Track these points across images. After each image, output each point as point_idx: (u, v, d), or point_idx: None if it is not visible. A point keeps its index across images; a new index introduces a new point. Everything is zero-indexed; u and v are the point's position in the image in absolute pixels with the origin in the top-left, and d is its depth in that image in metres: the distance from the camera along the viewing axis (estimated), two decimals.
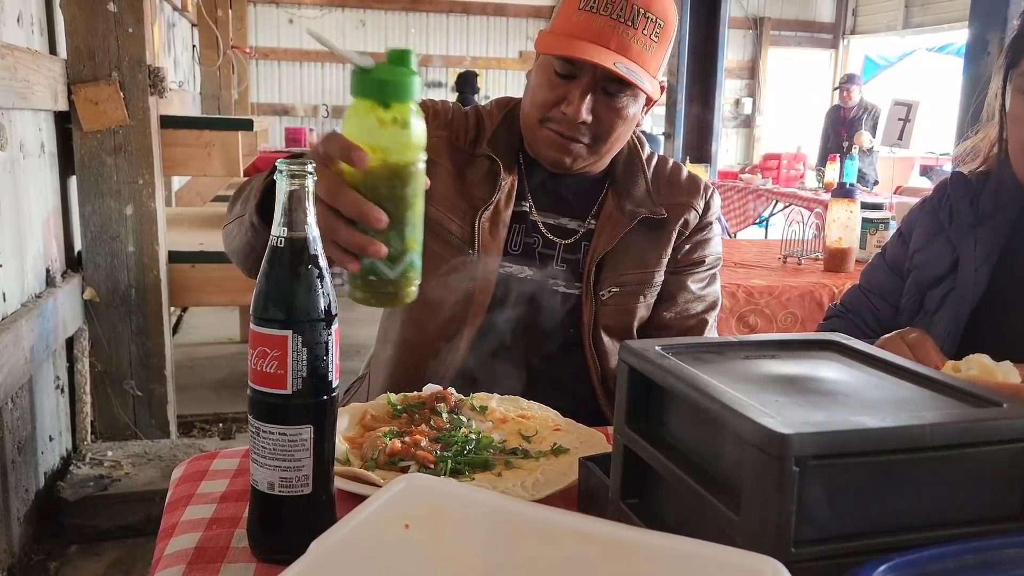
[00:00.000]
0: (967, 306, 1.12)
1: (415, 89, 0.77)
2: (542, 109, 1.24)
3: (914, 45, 10.43)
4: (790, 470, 0.51)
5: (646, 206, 1.31)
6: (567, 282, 1.31)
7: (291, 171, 0.71)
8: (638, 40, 1.18)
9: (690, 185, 1.37)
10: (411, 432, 0.96)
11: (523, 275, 1.29)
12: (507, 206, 1.29)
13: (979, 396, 0.60)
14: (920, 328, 1.10)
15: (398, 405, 1.05)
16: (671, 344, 0.71)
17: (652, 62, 1.21)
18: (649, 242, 1.31)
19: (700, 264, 1.36)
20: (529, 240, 1.30)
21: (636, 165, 1.35)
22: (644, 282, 1.31)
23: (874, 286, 1.28)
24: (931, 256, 1.18)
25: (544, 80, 1.23)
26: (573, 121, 1.21)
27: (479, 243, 1.26)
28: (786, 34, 11.27)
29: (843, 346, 0.73)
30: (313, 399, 0.72)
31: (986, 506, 0.56)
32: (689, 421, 0.63)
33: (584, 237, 1.32)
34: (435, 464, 0.88)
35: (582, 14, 1.18)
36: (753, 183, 5.75)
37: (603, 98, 1.21)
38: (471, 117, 1.35)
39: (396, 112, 0.76)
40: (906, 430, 0.53)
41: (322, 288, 0.72)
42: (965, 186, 1.19)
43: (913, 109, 3.20)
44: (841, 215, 2.38)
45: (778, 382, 0.64)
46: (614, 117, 1.23)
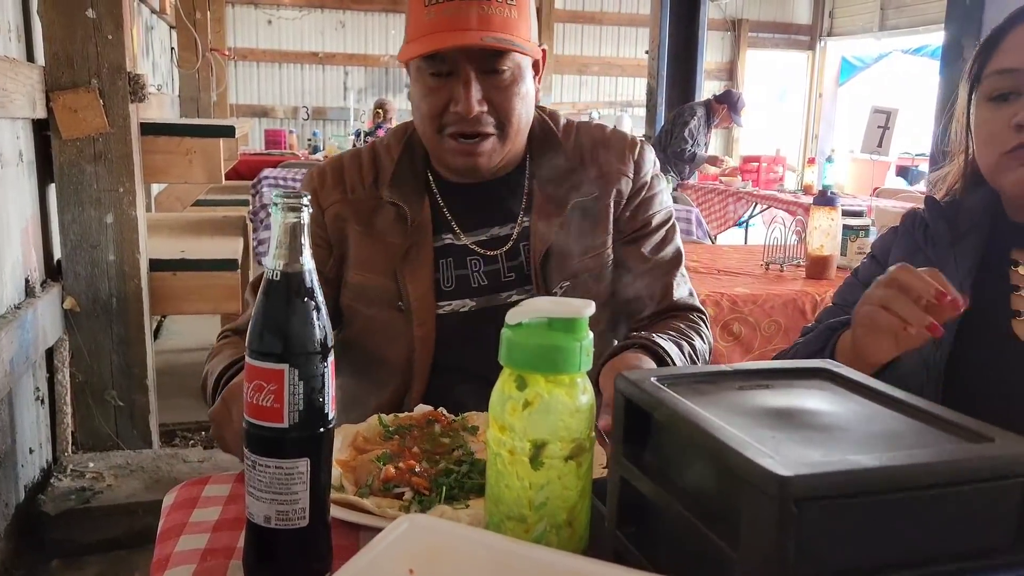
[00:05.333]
0: (953, 321, 1.13)
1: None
2: (435, 119, 1.19)
3: (890, 47, 10.54)
4: (790, 511, 0.51)
5: (576, 189, 1.25)
6: (519, 289, 1.26)
7: (287, 204, 0.71)
8: (496, 10, 1.13)
9: (616, 148, 1.30)
10: (404, 455, 0.96)
11: (466, 308, 1.24)
12: (426, 245, 1.23)
13: (969, 429, 0.61)
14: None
15: (390, 427, 1.04)
16: (666, 375, 0.71)
17: (520, 27, 1.16)
18: (588, 224, 1.26)
19: (648, 226, 1.30)
20: (462, 271, 1.25)
21: (553, 146, 1.29)
22: (595, 266, 1.26)
23: (848, 302, 1.28)
24: None
25: (423, 89, 1.18)
26: (469, 117, 1.16)
27: (406, 295, 1.21)
28: (764, 36, 11.35)
29: (834, 374, 0.74)
30: (310, 432, 0.72)
31: (979, 540, 0.57)
32: (686, 454, 0.63)
33: (521, 237, 1.26)
34: (430, 491, 0.88)
35: (431, 10, 1.13)
36: (733, 185, 5.79)
37: (489, 80, 1.17)
38: (365, 159, 1.29)
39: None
40: (902, 470, 0.54)
41: (318, 321, 0.72)
42: (939, 208, 1.20)
43: (892, 116, 3.24)
44: (823, 222, 2.41)
45: (773, 416, 0.64)
46: (508, 96, 1.18)
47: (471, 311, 1.24)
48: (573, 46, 10.97)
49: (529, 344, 0.65)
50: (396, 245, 1.23)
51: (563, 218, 1.24)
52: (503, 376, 0.67)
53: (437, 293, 1.24)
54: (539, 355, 0.65)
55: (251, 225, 4.09)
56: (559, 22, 10.81)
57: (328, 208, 1.26)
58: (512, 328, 0.66)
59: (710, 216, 5.71)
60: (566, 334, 0.66)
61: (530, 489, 0.66)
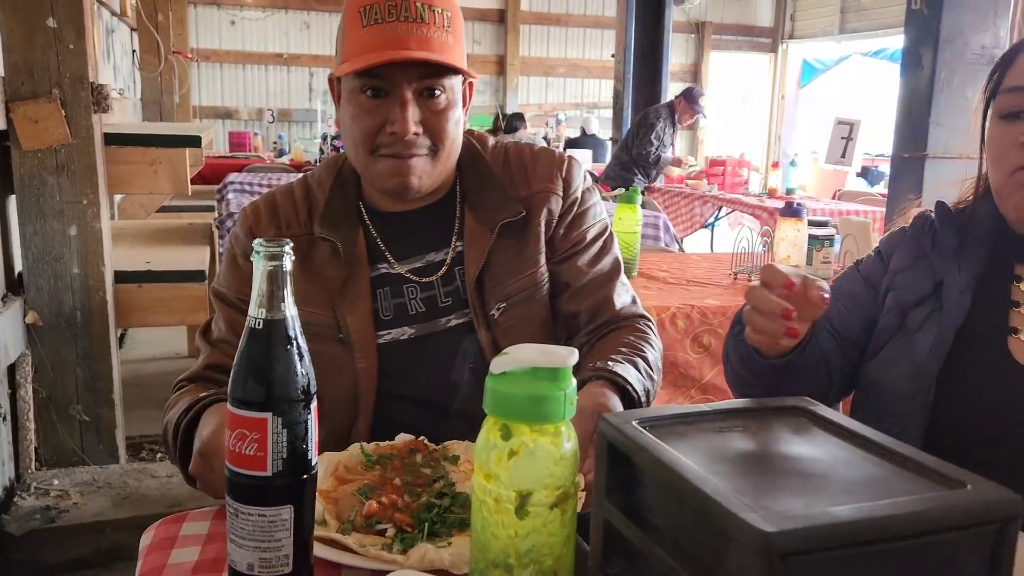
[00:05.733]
0: (952, 327, 1.14)
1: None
2: (369, 139, 1.19)
3: (849, 50, 10.72)
4: (776, 566, 0.52)
5: (503, 210, 1.26)
6: (457, 313, 1.27)
7: (268, 252, 0.71)
8: (435, 34, 1.16)
9: (544, 167, 1.31)
10: (386, 487, 0.96)
11: (405, 336, 1.25)
12: (362, 277, 1.25)
13: (943, 475, 0.62)
14: (902, 344, 1.17)
15: (372, 456, 1.04)
16: (647, 417, 0.72)
17: (455, 52, 1.18)
18: (519, 244, 1.27)
19: (582, 241, 1.31)
20: (399, 300, 1.26)
21: (482, 169, 1.31)
22: (529, 286, 1.27)
23: (844, 292, 1.28)
24: (914, 278, 1.21)
25: (358, 109, 1.19)
26: (405, 138, 1.17)
27: (346, 328, 1.22)
28: (727, 38, 11.49)
29: (810, 412, 0.76)
30: (293, 479, 0.72)
31: None
32: (670, 502, 0.64)
33: (455, 262, 1.28)
34: (412, 528, 0.89)
35: (369, 30, 1.15)
36: (699, 189, 5.85)
37: (424, 103, 1.18)
38: (299, 195, 1.29)
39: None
40: (882, 521, 0.55)
41: (301, 368, 0.72)
42: (948, 215, 1.21)
43: (855, 128, 3.30)
44: (789, 233, 2.45)
45: (753, 461, 0.66)
46: (442, 119, 1.20)
47: (411, 339, 1.25)
48: (539, 47, 11.00)
49: (514, 394, 0.66)
50: (333, 279, 1.24)
51: (493, 241, 1.26)
52: (487, 424, 0.68)
53: (376, 323, 1.25)
54: (524, 405, 0.66)
55: (217, 232, 4.04)
56: (525, 24, 10.84)
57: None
58: (496, 377, 0.67)
59: (677, 219, 5.76)
60: (550, 383, 0.66)
61: (516, 537, 0.66)
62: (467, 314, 1.26)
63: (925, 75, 4.17)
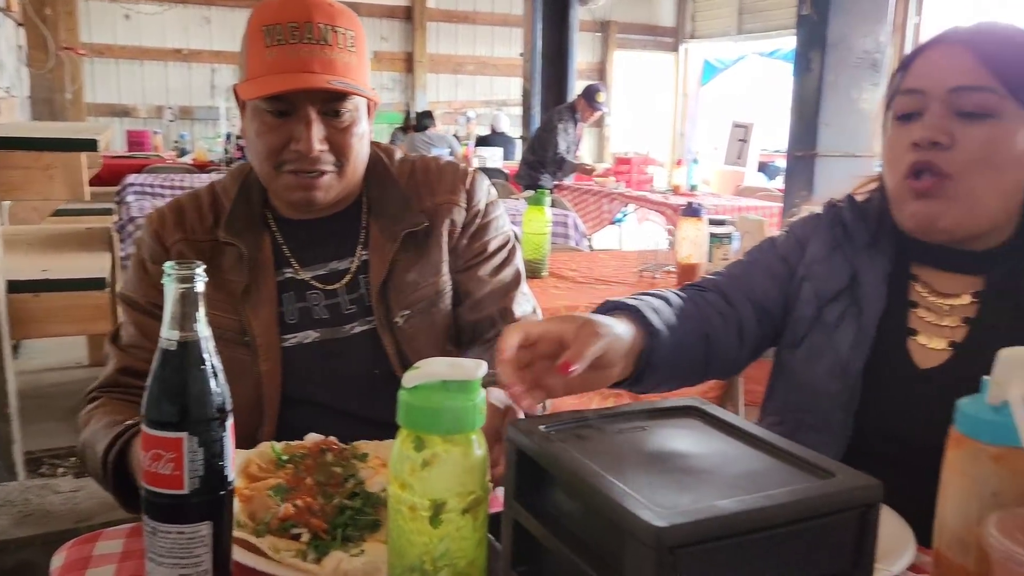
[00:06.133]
0: (872, 321, 1.16)
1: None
2: (273, 155, 1.22)
3: (746, 50, 11.12)
4: (667, 558, 0.58)
5: (407, 220, 1.30)
6: (362, 320, 1.30)
7: (180, 275, 0.72)
8: (338, 56, 1.19)
9: (449, 180, 1.36)
10: (300, 487, 0.98)
11: (310, 340, 1.28)
12: (268, 281, 1.27)
13: (814, 465, 0.69)
14: (822, 338, 1.17)
15: (283, 455, 1.06)
16: (554, 423, 0.77)
17: (360, 72, 1.22)
18: (423, 254, 1.31)
19: (484, 252, 1.36)
20: (303, 304, 1.29)
21: (387, 180, 1.34)
22: (432, 294, 1.31)
23: (762, 265, 1.26)
24: (830, 270, 1.21)
25: (262, 127, 1.21)
26: (310, 156, 1.20)
27: (251, 331, 1.25)
28: (632, 37, 11.74)
29: (702, 412, 0.82)
30: (211, 496, 0.74)
31: (825, 566, 0.65)
32: (574, 502, 0.69)
33: (360, 270, 1.31)
34: (327, 533, 0.91)
35: (273, 51, 1.17)
36: (606, 186, 5.98)
37: (329, 121, 1.21)
38: (205, 202, 1.31)
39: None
40: (760, 511, 0.61)
41: (216, 387, 0.74)
42: (857, 208, 1.23)
43: (749, 130, 3.46)
44: (690, 232, 2.55)
45: (648, 460, 0.71)
46: (347, 137, 1.23)
47: (316, 343, 1.28)
48: (448, 45, 10.99)
49: (425, 407, 0.69)
50: (238, 283, 1.26)
51: (395, 250, 1.29)
52: (401, 436, 0.71)
53: (281, 327, 1.27)
54: (435, 417, 0.69)
55: (117, 237, 3.91)
56: (432, 21, 10.81)
57: (172, 247, 1.29)
58: (408, 391, 0.70)
59: (586, 216, 5.88)
60: (460, 395, 0.70)
61: (430, 543, 0.70)
62: (371, 321, 1.29)
63: (814, 77, 4.40)
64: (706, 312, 1.17)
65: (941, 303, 1.15)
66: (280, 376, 1.25)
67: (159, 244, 1.28)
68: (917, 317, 1.16)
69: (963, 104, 1.06)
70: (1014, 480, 0.70)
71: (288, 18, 1.17)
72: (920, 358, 1.14)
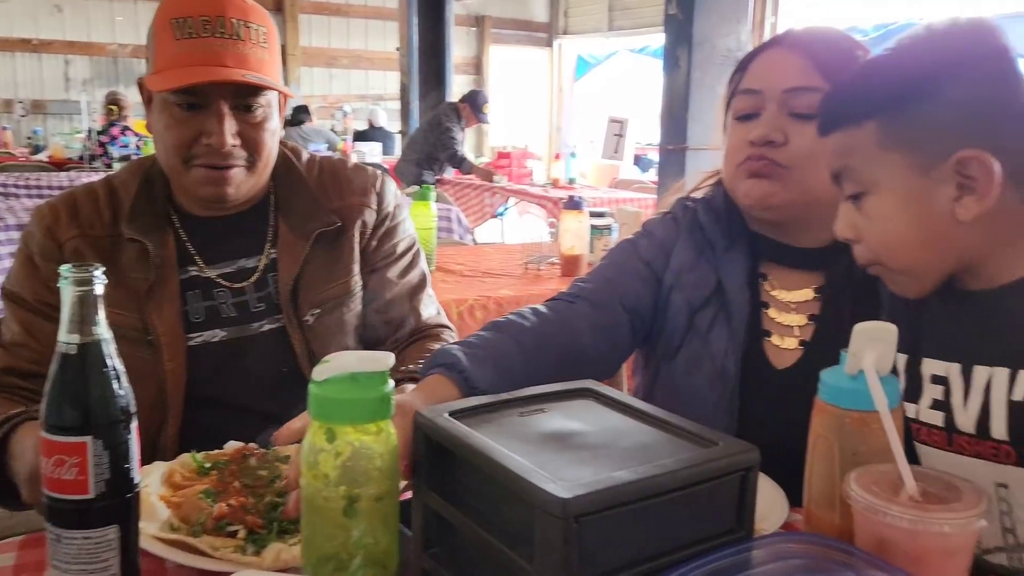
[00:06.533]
0: (741, 324, 1.19)
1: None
2: (182, 150, 1.20)
3: (617, 46, 11.45)
4: (572, 526, 0.63)
5: (318, 220, 1.31)
6: (270, 318, 1.30)
7: (78, 278, 0.72)
8: (251, 51, 1.19)
9: (359, 182, 1.37)
10: (228, 490, 0.98)
11: (217, 339, 1.27)
12: (171, 279, 1.25)
13: (699, 435, 0.76)
14: (697, 346, 1.18)
15: (205, 464, 1.06)
16: (458, 408, 0.81)
17: (272, 68, 1.23)
18: (334, 253, 1.32)
19: (393, 254, 1.38)
20: (210, 302, 1.28)
21: (296, 179, 1.35)
22: (342, 294, 1.32)
23: (629, 268, 1.25)
24: (698, 277, 1.23)
25: (171, 120, 1.20)
26: (222, 151, 1.20)
27: (154, 329, 1.22)
28: (506, 32, 11.85)
29: (594, 392, 0.88)
30: (118, 499, 0.73)
31: (711, 525, 0.72)
32: (483, 482, 0.73)
33: (269, 268, 1.31)
34: (263, 528, 0.92)
35: (183, 43, 1.17)
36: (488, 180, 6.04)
37: (241, 116, 1.21)
38: (102, 195, 1.28)
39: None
40: (654, 479, 0.67)
41: (119, 389, 0.73)
42: (712, 211, 1.26)
43: (625, 125, 3.61)
44: (572, 225, 2.64)
45: (550, 439, 0.76)
46: (260, 132, 1.23)
47: (223, 341, 1.27)
48: (321, 38, 10.77)
49: (337, 398, 0.71)
50: (140, 280, 1.23)
51: (308, 249, 1.30)
52: (312, 428, 0.73)
53: (186, 325, 1.25)
54: (347, 408, 0.71)
55: None
56: (304, 13, 10.57)
57: (66, 243, 1.24)
58: (319, 384, 0.72)
59: (469, 210, 5.92)
60: (370, 386, 0.72)
61: (345, 532, 0.72)
62: (280, 320, 1.29)
63: (682, 74, 4.60)
64: (574, 325, 1.15)
65: (788, 300, 1.21)
66: (185, 375, 1.23)
67: (51, 240, 1.23)
68: (769, 318, 1.21)
69: (796, 105, 1.13)
70: (871, 440, 0.79)
71: (199, 12, 1.16)
72: (776, 359, 1.19)
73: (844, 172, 0.95)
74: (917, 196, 0.89)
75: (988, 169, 0.86)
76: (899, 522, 0.71)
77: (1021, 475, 0.89)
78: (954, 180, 0.87)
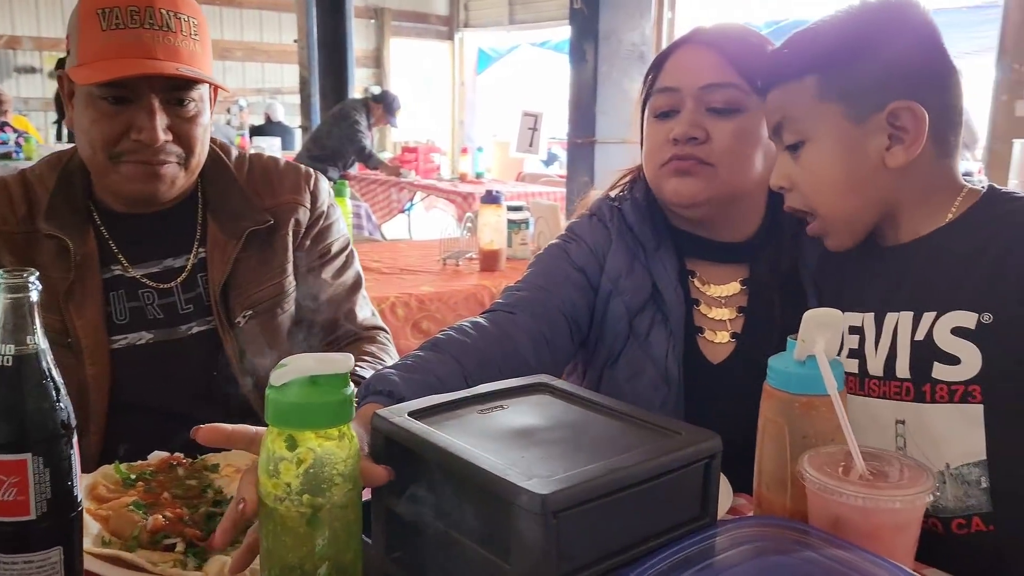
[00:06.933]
0: (679, 324, 1.19)
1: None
2: (109, 146, 1.16)
3: (519, 40, 11.51)
4: (551, 522, 0.62)
5: (250, 218, 1.27)
6: (200, 320, 1.26)
7: (11, 284, 0.67)
8: (182, 43, 1.15)
9: (291, 180, 1.33)
10: (161, 502, 0.94)
11: (143, 341, 1.22)
12: (93, 278, 1.19)
13: (661, 426, 0.77)
14: (638, 351, 1.18)
15: (130, 475, 1.01)
16: (416, 409, 0.79)
17: (204, 60, 1.19)
18: (267, 253, 1.29)
19: (328, 254, 1.35)
20: (135, 303, 1.23)
21: (226, 177, 1.30)
22: (276, 295, 1.29)
23: (563, 275, 1.23)
24: (635, 282, 1.22)
25: (97, 115, 1.15)
26: (155, 146, 1.15)
27: (74, 331, 1.17)
28: (406, 25, 11.73)
29: (550, 387, 0.88)
30: (61, 519, 0.69)
31: (678, 513, 0.74)
32: (448, 482, 0.72)
33: (198, 268, 1.26)
34: (202, 540, 0.88)
35: (110, 35, 1.12)
36: (395, 175, 5.97)
37: (173, 111, 1.17)
38: (15, 190, 1.21)
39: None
40: (627, 471, 0.67)
41: (59, 402, 0.69)
42: (639, 211, 1.25)
43: (539, 119, 3.64)
44: (491, 219, 2.64)
45: (515, 436, 0.75)
46: (192, 127, 1.19)
47: (149, 344, 1.22)
48: (213, 30, 10.34)
49: (297, 403, 0.68)
50: (59, 280, 1.17)
51: (239, 248, 1.26)
52: (271, 435, 0.69)
53: (109, 327, 1.20)
54: (307, 413, 0.68)
55: None
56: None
57: None
58: (277, 389, 0.69)
59: (376, 206, 5.85)
60: (331, 389, 0.69)
61: (309, 542, 0.69)
62: (211, 321, 1.25)
63: (589, 68, 4.66)
64: (516, 340, 1.13)
65: (716, 295, 1.24)
66: (108, 380, 1.17)
67: None
68: (701, 315, 1.23)
69: (713, 100, 1.16)
70: (820, 423, 0.82)
71: (127, 2, 1.11)
72: (711, 354, 1.21)
73: (784, 123, 1.02)
74: (852, 144, 0.98)
75: (919, 119, 0.95)
76: (853, 501, 0.74)
77: (917, 410, 0.97)
78: (886, 130, 0.96)
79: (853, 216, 1.01)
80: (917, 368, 0.96)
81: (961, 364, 0.93)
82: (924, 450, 0.96)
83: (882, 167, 0.97)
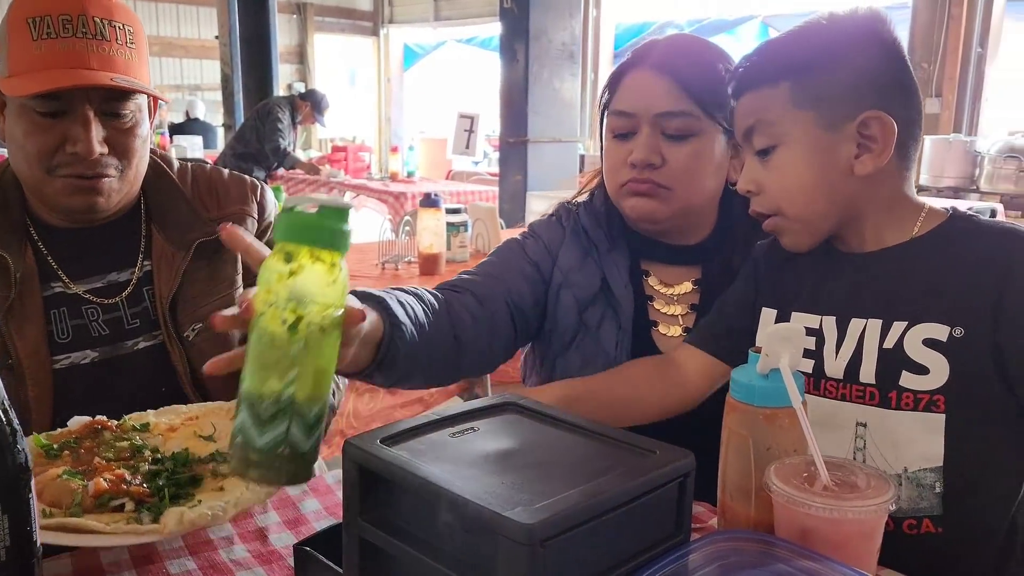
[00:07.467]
0: (628, 318, 1.25)
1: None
2: (44, 159, 1.12)
3: (445, 36, 11.45)
4: (538, 551, 0.62)
5: (198, 229, 1.25)
6: (147, 335, 1.23)
7: None
8: (117, 52, 1.12)
9: (238, 191, 1.32)
10: (95, 467, 0.92)
11: (87, 360, 1.19)
12: (33, 296, 1.16)
13: (635, 445, 0.78)
14: (589, 343, 1.24)
15: (52, 445, 0.98)
16: (388, 435, 0.78)
17: (141, 69, 1.17)
18: (216, 264, 1.27)
19: None
20: (78, 321, 1.19)
21: (170, 188, 1.28)
22: (226, 306, 1.26)
23: (515, 267, 1.29)
24: (585, 277, 1.28)
25: (30, 127, 1.11)
26: (90, 159, 1.12)
27: (15, 352, 1.13)
28: (330, 20, 11.54)
29: (519, 406, 0.88)
30: (21, 565, 0.66)
31: (656, 532, 0.74)
32: (427, 510, 0.71)
33: (144, 282, 1.24)
34: (151, 495, 0.87)
35: (41, 44, 1.08)
36: (323, 175, 5.88)
37: (109, 122, 1.14)
38: None
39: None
40: (609, 495, 0.68)
41: (16, 443, 0.66)
42: (593, 215, 1.32)
43: (475, 121, 3.63)
44: (430, 223, 2.62)
45: (491, 462, 0.75)
46: (130, 138, 1.17)
47: (94, 363, 1.19)
48: None
49: (299, 221, 0.72)
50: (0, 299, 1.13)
51: (188, 261, 1.23)
52: (274, 252, 0.73)
53: (52, 347, 1.16)
54: (308, 230, 0.71)
55: None
56: None
57: None
58: (287, 212, 0.72)
59: None
60: (332, 217, 0.72)
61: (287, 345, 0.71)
62: (158, 336, 1.22)
63: (520, 68, 4.68)
64: (459, 314, 1.17)
65: (670, 292, 1.31)
66: (51, 402, 1.13)
67: None
68: (655, 309, 1.29)
69: (668, 127, 1.21)
70: (784, 435, 0.84)
71: (59, 10, 1.06)
72: (664, 346, 1.27)
73: (756, 127, 1.04)
74: (823, 150, 1.01)
75: (888, 130, 0.98)
76: (821, 512, 0.76)
77: (881, 415, 1.00)
78: (856, 139, 0.99)
79: (817, 219, 1.04)
80: (884, 375, 0.99)
81: (929, 374, 0.96)
82: (884, 452, 0.99)
83: (850, 174, 1.00)
